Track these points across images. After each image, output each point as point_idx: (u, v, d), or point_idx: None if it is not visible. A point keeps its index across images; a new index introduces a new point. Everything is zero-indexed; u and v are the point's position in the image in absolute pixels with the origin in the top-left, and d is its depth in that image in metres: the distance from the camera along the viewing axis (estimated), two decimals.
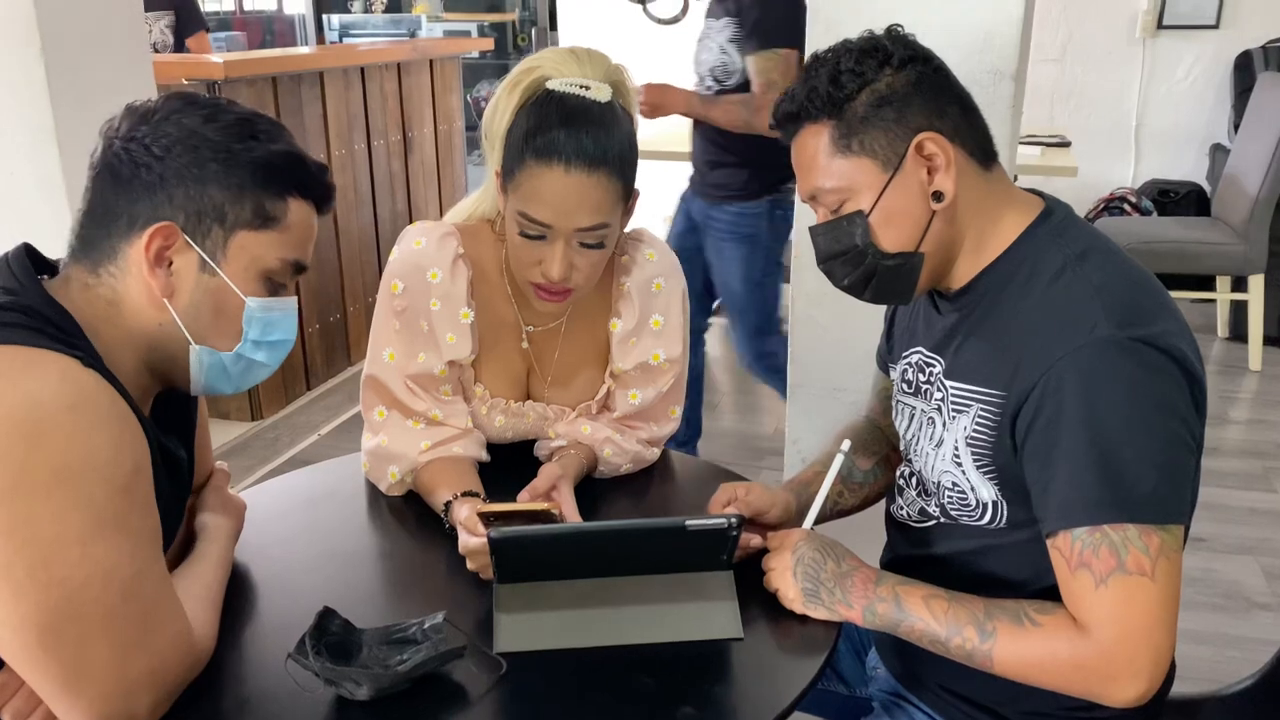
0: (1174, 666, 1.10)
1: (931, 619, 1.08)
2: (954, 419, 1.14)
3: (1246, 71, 4.70)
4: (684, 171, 3.03)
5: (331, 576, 1.24)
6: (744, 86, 2.73)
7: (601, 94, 1.26)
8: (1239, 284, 4.23)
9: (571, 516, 1.26)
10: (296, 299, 1.10)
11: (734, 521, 1.10)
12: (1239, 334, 4.32)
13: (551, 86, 1.26)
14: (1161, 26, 4.88)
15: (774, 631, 1.13)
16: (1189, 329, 1.07)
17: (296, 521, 1.38)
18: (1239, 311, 4.31)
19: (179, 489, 1.13)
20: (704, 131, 2.86)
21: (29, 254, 1.03)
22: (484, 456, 1.43)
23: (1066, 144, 4.21)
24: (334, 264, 3.98)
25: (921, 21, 1.39)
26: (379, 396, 1.41)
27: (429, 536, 1.31)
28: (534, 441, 1.49)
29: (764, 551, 1.19)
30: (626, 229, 1.42)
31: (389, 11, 8.58)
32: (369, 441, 1.41)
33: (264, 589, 1.20)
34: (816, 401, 2.09)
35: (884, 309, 1.38)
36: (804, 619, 1.13)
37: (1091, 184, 4.88)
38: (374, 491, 1.43)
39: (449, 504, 1.28)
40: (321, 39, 8.20)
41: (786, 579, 1.14)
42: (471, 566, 1.19)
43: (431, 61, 4.53)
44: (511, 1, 9.15)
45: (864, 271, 1.14)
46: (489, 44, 6.00)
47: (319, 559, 1.28)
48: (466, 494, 1.29)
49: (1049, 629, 1.03)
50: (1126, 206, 4.74)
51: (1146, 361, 1.00)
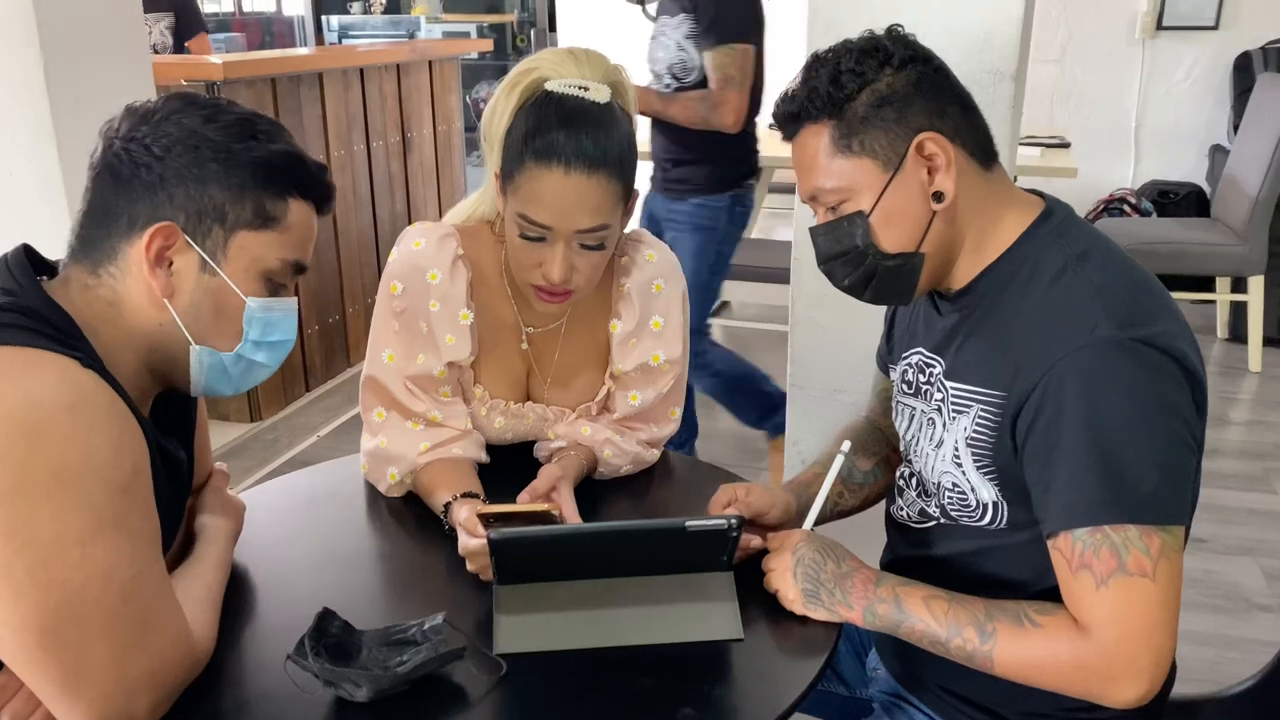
0: (1175, 668, 1.10)
1: (932, 620, 1.08)
2: (954, 420, 1.14)
3: (1246, 72, 4.71)
4: (645, 170, 3.05)
5: (331, 578, 1.24)
6: (702, 83, 2.71)
7: (600, 95, 1.26)
8: (1238, 285, 4.23)
9: (571, 518, 1.26)
10: (296, 299, 1.10)
11: (734, 522, 1.10)
12: (1238, 335, 4.32)
13: (550, 87, 1.26)
14: (1161, 27, 4.89)
15: (774, 632, 1.13)
16: (1190, 329, 1.07)
17: (296, 523, 1.38)
18: (1238, 312, 4.31)
19: (178, 490, 1.13)
20: (663, 129, 2.85)
21: (28, 255, 1.03)
22: (483, 458, 1.43)
23: (1066, 145, 4.21)
24: (333, 265, 3.98)
25: (921, 21, 1.39)
26: (378, 398, 1.41)
27: (428, 538, 1.31)
28: (534, 443, 1.49)
29: (764, 552, 1.19)
30: (625, 229, 1.42)
31: (388, 13, 8.58)
32: (368, 443, 1.41)
33: (263, 590, 1.20)
34: (816, 402, 2.09)
35: (884, 310, 1.38)
36: (804, 620, 1.13)
37: (1091, 185, 4.88)
38: (373, 493, 1.43)
39: (448, 505, 1.28)
40: (320, 40, 8.20)
41: (787, 580, 1.14)
42: (471, 568, 1.18)
43: (430, 62, 4.53)
44: (510, 2, 9.17)
45: (864, 272, 1.14)
46: (488, 45, 6.00)
47: (318, 560, 1.28)
48: (466, 495, 1.29)
49: (1049, 630, 1.03)
50: (1126, 207, 4.74)
51: (1147, 362, 1.00)
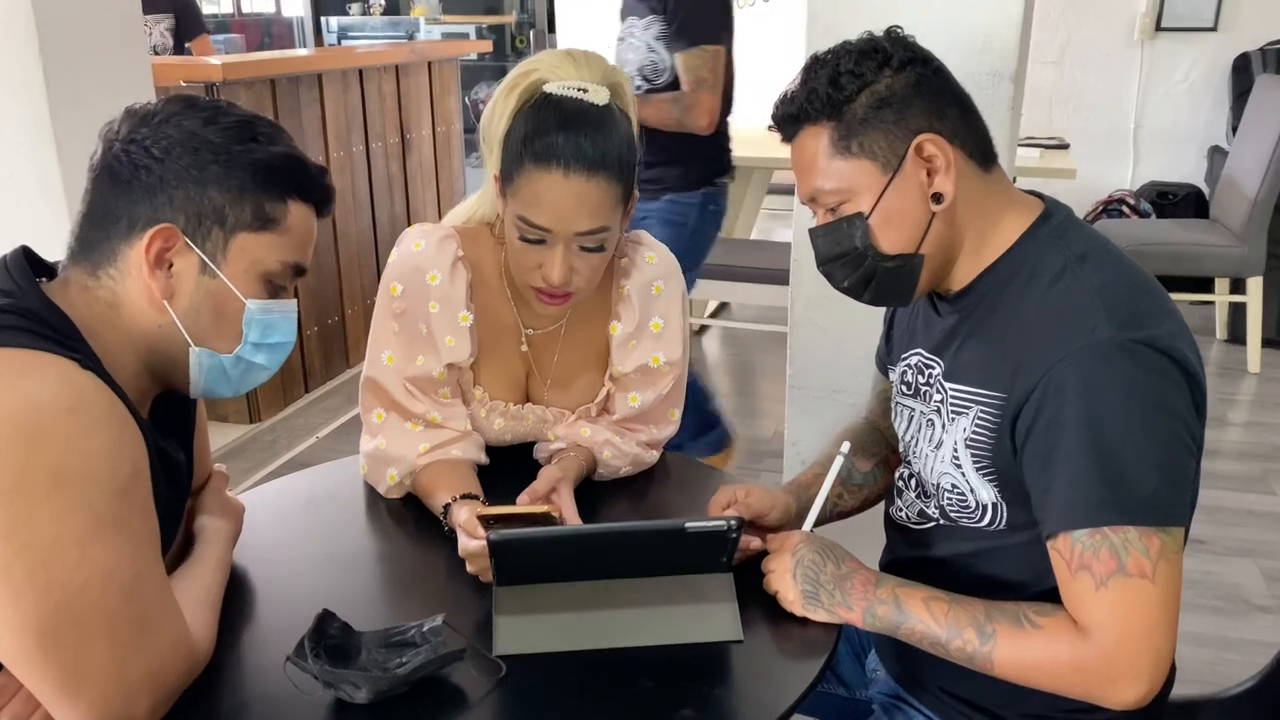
0: (1174, 669, 1.09)
1: (931, 621, 1.08)
2: (953, 421, 1.14)
3: (1245, 73, 4.71)
4: None
5: (330, 579, 1.24)
6: (674, 85, 2.69)
7: (599, 96, 1.26)
8: (1237, 286, 4.23)
9: (571, 519, 1.26)
10: (296, 301, 1.10)
11: (734, 524, 1.10)
12: (1237, 336, 4.32)
13: (549, 89, 1.26)
14: (1160, 29, 4.90)
15: (774, 634, 1.13)
16: (1189, 330, 1.07)
17: (295, 524, 1.38)
18: (1237, 313, 4.31)
19: (178, 491, 1.13)
20: None
21: (27, 257, 1.03)
22: (483, 459, 1.43)
23: (1065, 146, 4.22)
24: (332, 266, 3.98)
25: (921, 23, 1.39)
26: (377, 399, 1.41)
27: (428, 539, 1.31)
28: (533, 444, 1.49)
29: (764, 553, 1.19)
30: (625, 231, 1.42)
31: (387, 14, 8.58)
32: (367, 444, 1.41)
33: (263, 591, 1.20)
34: (815, 403, 2.09)
35: (883, 311, 1.38)
36: (804, 621, 1.13)
37: (1090, 186, 4.89)
38: (373, 494, 1.43)
39: (448, 506, 1.28)
40: (320, 41, 8.20)
41: (786, 581, 1.14)
42: (471, 569, 1.18)
43: (429, 64, 4.53)
44: (509, 4, 9.18)
45: (864, 273, 1.14)
46: (487, 46, 6.00)
47: (318, 562, 1.28)
48: (465, 496, 1.28)
49: (1049, 631, 1.03)
50: (1125, 208, 4.74)
51: (1147, 363, 1.00)
